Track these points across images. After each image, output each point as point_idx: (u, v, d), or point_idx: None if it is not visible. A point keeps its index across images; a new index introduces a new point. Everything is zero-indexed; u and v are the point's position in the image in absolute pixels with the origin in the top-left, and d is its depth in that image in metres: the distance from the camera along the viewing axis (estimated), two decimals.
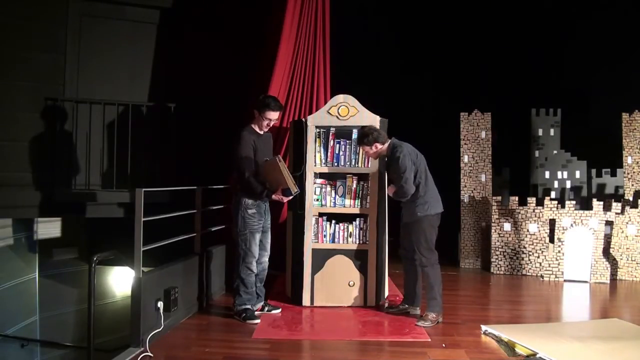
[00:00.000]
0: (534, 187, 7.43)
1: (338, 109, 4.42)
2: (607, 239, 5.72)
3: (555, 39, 7.64)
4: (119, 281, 6.75)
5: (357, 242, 4.40)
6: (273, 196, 3.91)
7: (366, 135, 3.98)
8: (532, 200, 5.97)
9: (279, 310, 4.08)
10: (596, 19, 7.38)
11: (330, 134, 4.40)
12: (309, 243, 4.38)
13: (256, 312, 4.02)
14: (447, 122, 6.85)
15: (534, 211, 5.91)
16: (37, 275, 6.20)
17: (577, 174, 7.16)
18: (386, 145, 4.03)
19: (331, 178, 4.44)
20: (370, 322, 4.03)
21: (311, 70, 5.71)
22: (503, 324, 3.93)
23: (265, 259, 4.16)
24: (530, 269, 5.94)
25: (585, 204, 6.40)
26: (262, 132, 4.02)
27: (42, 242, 6.25)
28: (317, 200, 4.41)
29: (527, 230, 5.94)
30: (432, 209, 3.92)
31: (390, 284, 5.11)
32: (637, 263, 5.71)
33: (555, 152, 7.32)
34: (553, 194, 7.14)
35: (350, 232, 4.41)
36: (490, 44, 7.61)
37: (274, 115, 3.95)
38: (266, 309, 4.01)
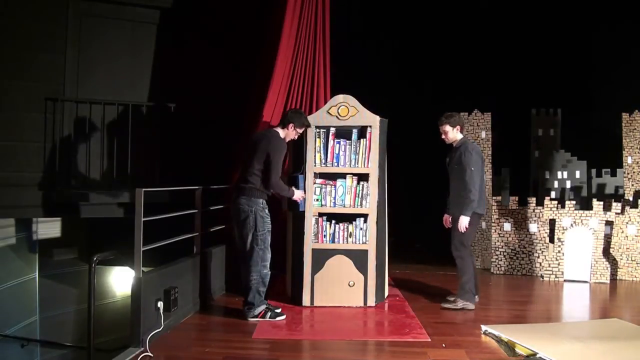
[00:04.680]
0: (534, 187, 7.42)
1: (338, 109, 4.42)
2: (607, 239, 5.72)
3: (555, 39, 7.65)
4: (119, 281, 6.75)
5: (357, 242, 4.40)
6: (296, 193, 4.22)
7: (453, 116, 4.39)
8: (532, 200, 5.96)
9: (284, 317, 4.07)
10: (596, 19, 7.38)
11: (330, 134, 4.40)
12: (309, 243, 4.38)
13: (259, 318, 4.01)
14: None
15: (534, 211, 5.90)
16: (37, 275, 6.20)
17: (577, 174, 7.16)
18: (461, 137, 4.42)
19: (331, 178, 4.44)
20: (370, 322, 4.03)
21: (311, 70, 5.70)
22: (503, 324, 3.92)
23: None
24: (530, 269, 5.93)
25: (585, 204, 6.39)
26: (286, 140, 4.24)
27: (42, 242, 6.26)
28: (317, 200, 4.41)
29: (527, 230, 5.94)
30: (478, 208, 4.27)
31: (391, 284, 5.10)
32: (637, 263, 5.70)
33: (555, 152, 7.32)
34: (553, 194, 7.13)
35: (350, 232, 4.41)
36: (490, 44, 7.61)
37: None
38: (269, 314, 4.00)
